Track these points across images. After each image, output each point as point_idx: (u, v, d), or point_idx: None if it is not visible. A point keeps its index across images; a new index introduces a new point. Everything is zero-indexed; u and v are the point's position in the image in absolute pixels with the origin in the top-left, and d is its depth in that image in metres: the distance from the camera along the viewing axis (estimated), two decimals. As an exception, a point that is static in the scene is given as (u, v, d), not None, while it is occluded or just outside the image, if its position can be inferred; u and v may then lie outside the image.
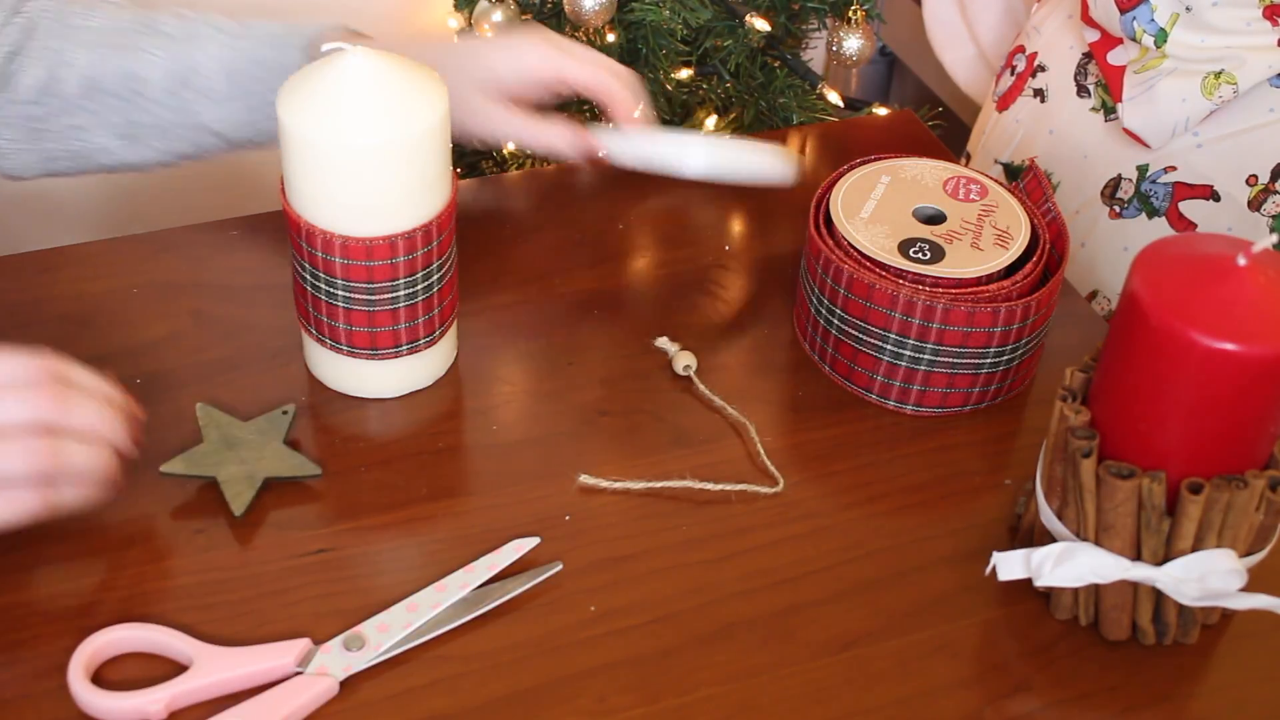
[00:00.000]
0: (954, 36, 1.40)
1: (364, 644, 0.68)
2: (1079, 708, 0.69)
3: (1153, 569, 0.67)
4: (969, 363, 0.81)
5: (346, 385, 0.82)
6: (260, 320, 0.87)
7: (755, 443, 0.81)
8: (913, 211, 0.85)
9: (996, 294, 0.80)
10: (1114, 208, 1.10)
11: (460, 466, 0.79)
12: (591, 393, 0.84)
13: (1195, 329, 0.62)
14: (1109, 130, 1.10)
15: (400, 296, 0.78)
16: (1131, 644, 0.71)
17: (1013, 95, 1.21)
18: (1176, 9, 1.03)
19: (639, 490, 0.78)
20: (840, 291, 0.82)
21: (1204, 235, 0.68)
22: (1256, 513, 0.67)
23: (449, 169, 0.78)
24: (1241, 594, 0.67)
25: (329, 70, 0.74)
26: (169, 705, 0.65)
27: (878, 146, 1.03)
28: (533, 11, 1.41)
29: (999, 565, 0.70)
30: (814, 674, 0.69)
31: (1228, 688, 0.70)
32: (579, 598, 0.72)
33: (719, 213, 0.99)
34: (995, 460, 0.81)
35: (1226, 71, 1.01)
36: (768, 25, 1.37)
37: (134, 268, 0.90)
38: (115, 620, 0.69)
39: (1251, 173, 1.03)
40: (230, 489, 0.75)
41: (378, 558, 0.74)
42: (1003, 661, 0.70)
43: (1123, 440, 0.66)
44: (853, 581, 0.74)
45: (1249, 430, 0.65)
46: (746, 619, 0.71)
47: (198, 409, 0.79)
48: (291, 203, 0.77)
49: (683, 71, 1.41)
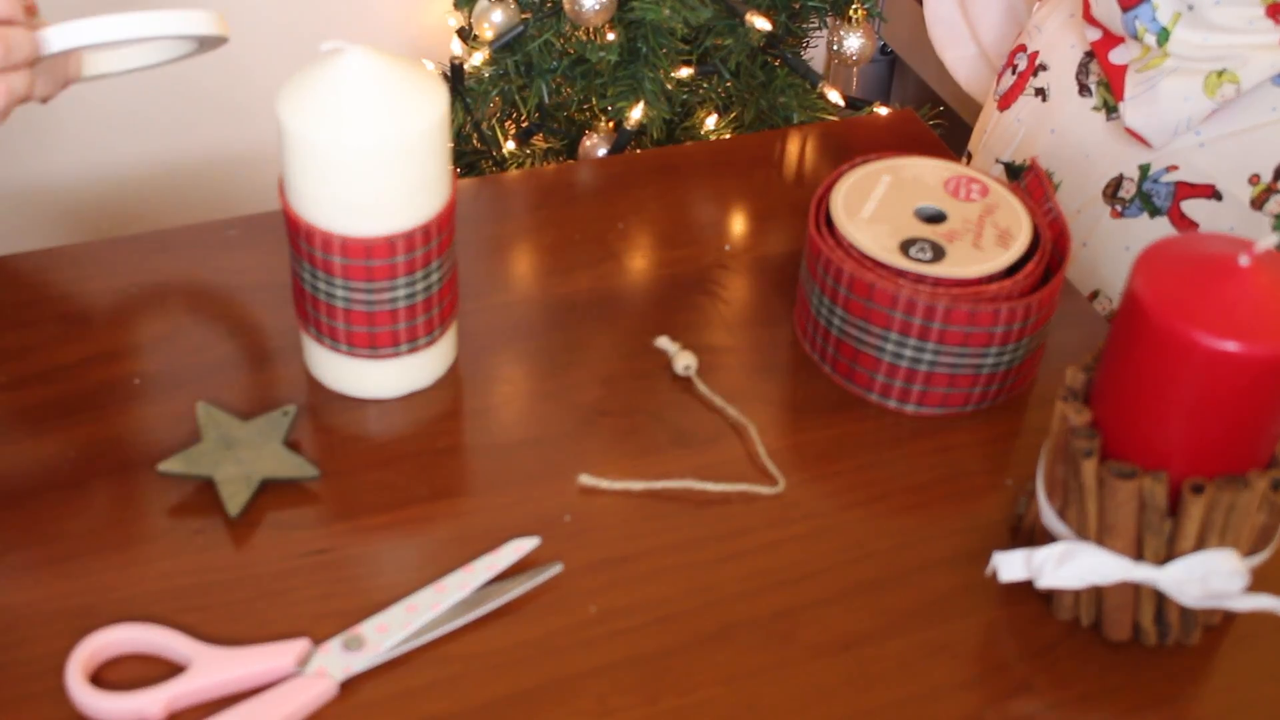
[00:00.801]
0: (955, 35, 1.40)
1: (363, 645, 0.68)
2: (1080, 709, 0.68)
3: (1154, 570, 0.67)
4: (970, 363, 0.81)
5: (346, 385, 0.82)
6: (260, 320, 0.87)
7: (755, 443, 0.81)
8: (914, 211, 0.85)
9: (998, 294, 0.80)
10: (1116, 207, 1.10)
11: (460, 466, 0.79)
12: (591, 393, 0.84)
13: (1197, 329, 0.61)
14: (1111, 129, 1.10)
15: (400, 296, 0.78)
16: (1133, 645, 0.71)
17: (1014, 94, 1.20)
18: (1179, 8, 1.03)
19: (639, 490, 0.78)
20: (841, 291, 0.82)
21: (1206, 235, 0.68)
22: (1259, 513, 0.67)
23: (448, 169, 0.78)
24: (1244, 595, 0.67)
25: (329, 70, 0.74)
26: (167, 706, 0.65)
27: (879, 146, 1.03)
28: (532, 10, 1.41)
29: (1000, 566, 0.70)
30: (814, 675, 0.69)
31: (1230, 689, 0.70)
32: (579, 598, 0.72)
33: (719, 213, 0.99)
34: (996, 460, 0.81)
35: (1229, 70, 1.01)
36: (768, 24, 1.37)
37: (134, 268, 0.90)
38: (113, 621, 0.68)
39: (1254, 172, 1.03)
40: (227, 489, 0.75)
41: (377, 558, 0.73)
42: (1004, 662, 0.70)
43: (1124, 440, 0.66)
44: (853, 582, 0.74)
45: (1251, 430, 0.64)
46: (747, 619, 0.71)
47: (198, 408, 0.79)
48: (291, 202, 0.77)
49: (683, 70, 1.41)
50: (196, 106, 1.73)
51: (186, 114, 1.74)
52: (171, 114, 1.74)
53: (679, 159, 1.04)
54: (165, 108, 1.73)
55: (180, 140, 1.77)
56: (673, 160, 1.04)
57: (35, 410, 0.80)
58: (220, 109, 1.73)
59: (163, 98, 1.71)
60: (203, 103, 1.73)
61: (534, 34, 1.40)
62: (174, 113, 1.74)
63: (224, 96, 1.72)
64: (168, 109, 1.73)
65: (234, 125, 1.74)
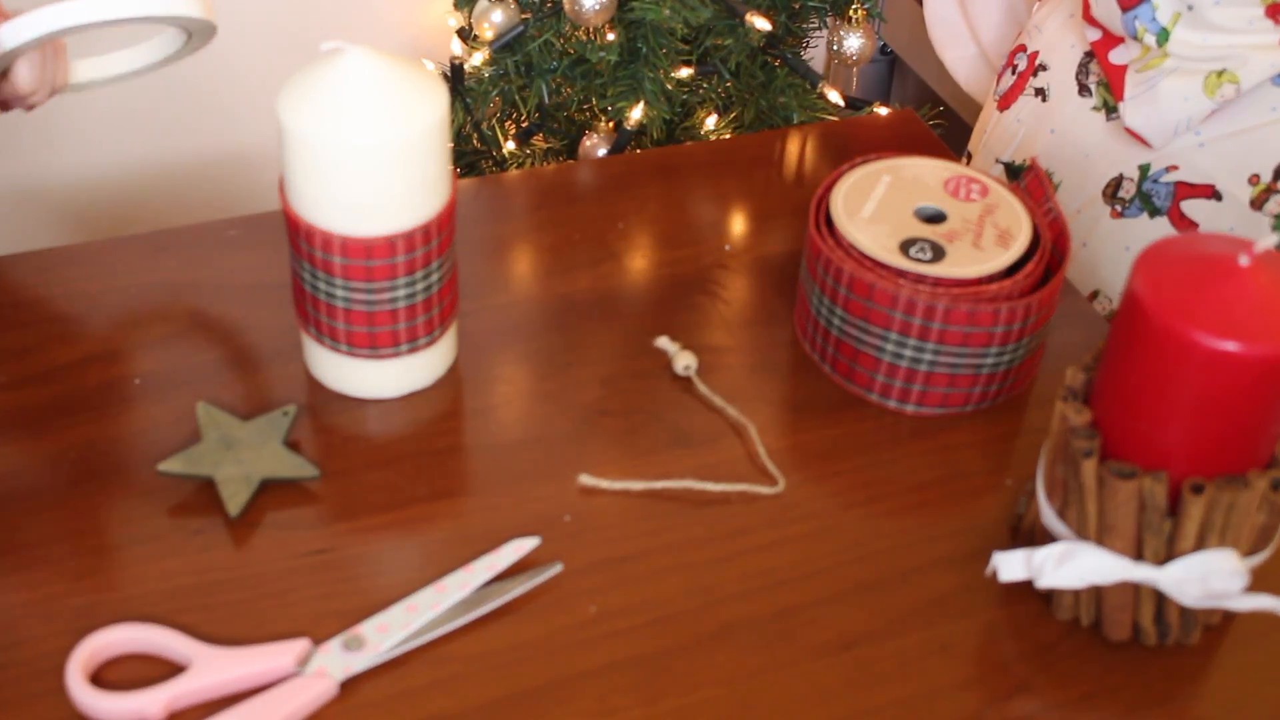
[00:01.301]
0: (955, 35, 1.40)
1: (363, 644, 0.68)
2: (1080, 709, 0.68)
3: (1154, 569, 0.67)
4: (970, 363, 0.81)
5: (346, 385, 0.82)
6: (260, 320, 0.87)
7: (755, 443, 0.81)
8: (913, 211, 0.85)
9: (997, 294, 0.80)
10: (1115, 207, 1.10)
11: (460, 466, 0.79)
12: (591, 393, 0.84)
13: (1197, 329, 0.61)
14: (1110, 129, 1.10)
15: (400, 296, 0.78)
16: (1133, 645, 0.71)
17: (1014, 94, 1.20)
18: (1178, 8, 1.03)
19: (639, 490, 0.78)
20: (841, 291, 0.82)
21: (1206, 235, 0.68)
22: (1258, 513, 0.67)
23: (448, 169, 0.78)
24: (1243, 595, 0.67)
25: (329, 70, 0.74)
26: (168, 706, 0.65)
27: (878, 146, 1.03)
28: (532, 11, 1.41)
29: (1000, 566, 0.70)
30: (814, 674, 0.69)
31: (1230, 689, 0.70)
32: (579, 598, 0.72)
33: (719, 213, 0.99)
34: (996, 460, 0.81)
35: (1229, 70, 1.01)
36: (768, 24, 1.37)
37: (134, 268, 0.90)
38: (113, 620, 0.68)
39: (1254, 172, 1.03)
40: (227, 489, 0.75)
41: (377, 558, 0.73)
42: (1004, 662, 0.70)
43: (1124, 440, 0.66)
44: (853, 582, 0.74)
45: (1251, 430, 0.64)
46: (747, 619, 0.71)
47: (198, 408, 0.79)
48: (291, 202, 0.77)
49: (683, 71, 1.41)
50: (197, 106, 1.73)
51: (186, 114, 1.74)
52: (172, 114, 1.74)
53: (679, 159, 1.04)
54: (165, 108, 1.73)
55: (180, 140, 1.77)
56: (673, 160, 1.04)
57: (35, 410, 0.80)
58: (220, 109, 1.74)
59: (163, 98, 1.71)
60: (203, 103, 1.73)
61: (534, 34, 1.40)
62: (174, 113, 1.74)
63: (224, 97, 1.72)
64: (168, 109, 1.73)
65: (234, 125, 1.75)
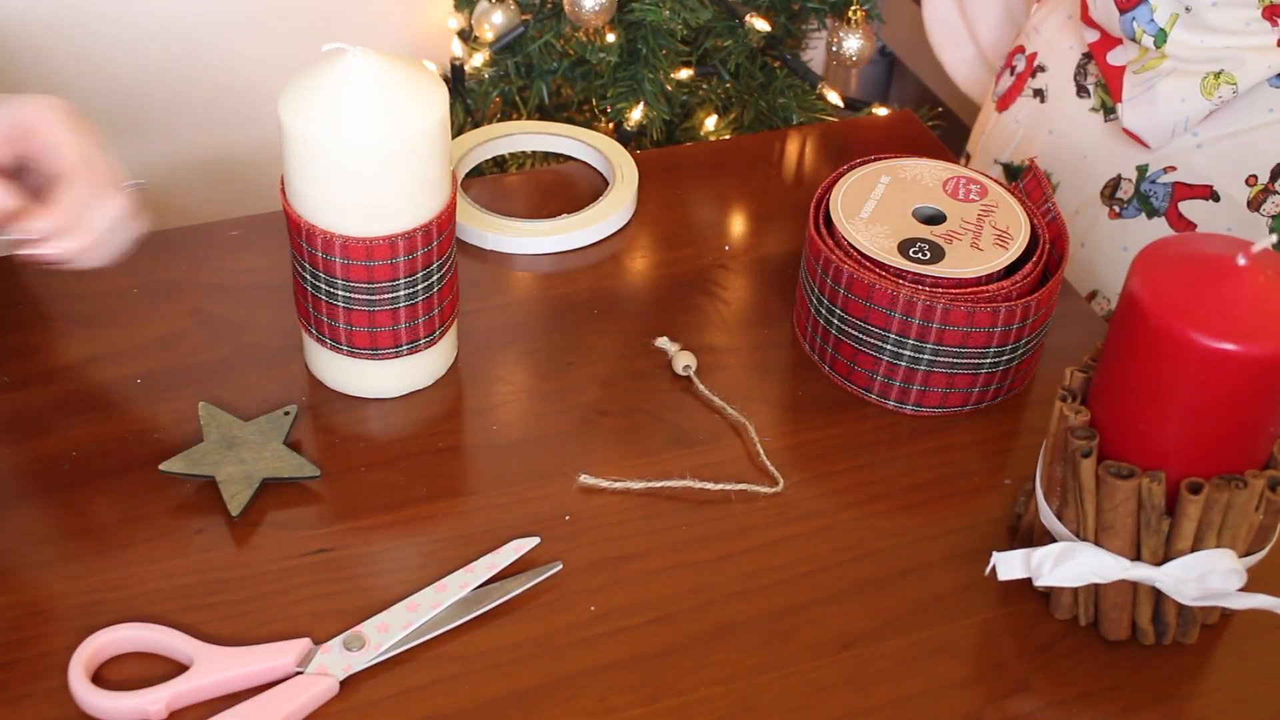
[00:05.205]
0: (954, 36, 1.40)
1: (364, 644, 0.68)
2: (1078, 707, 0.69)
3: (1152, 569, 0.67)
4: (969, 363, 0.81)
5: (347, 385, 0.82)
6: (260, 320, 0.87)
7: (755, 443, 0.81)
8: (912, 211, 0.85)
9: (996, 294, 0.80)
10: (1113, 208, 1.10)
11: (460, 466, 0.79)
12: (591, 393, 0.84)
13: (1195, 329, 0.62)
14: (1109, 130, 1.10)
15: (400, 296, 0.78)
16: (1131, 644, 0.71)
17: (1012, 95, 1.21)
18: (1176, 9, 1.03)
19: (639, 490, 0.78)
20: (840, 291, 0.82)
21: (1203, 235, 0.68)
22: (1256, 512, 0.67)
23: (449, 169, 0.78)
24: (1241, 594, 0.67)
25: (329, 70, 0.74)
26: (169, 705, 0.65)
27: (877, 146, 1.03)
28: (533, 12, 1.41)
29: (999, 565, 0.70)
30: (814, 674, 0.69)
31: (1227, 687, 0.70)
32: (579, 598, 0.72)
33: (719, 213, 0.99)
34: (995, 460, 0.81)
35: (1226, 72, 1.01)
36: (768, 25, 1.37)
37: (134, 268, 0.90)
38: (115, 620, 0.69)
39: (1251, 173, 1.03)
40: (228, 489, 0.75)
41: (378, 558, 0.74)
42: (1002, 661, 0.71)
43: (1122, 440, 0.66)
44: (852, 581, 0.74)
45: (1248, 430, 0.65)
46: (746, 619, 0.72)
47: (200, 408, 0.79)
48: (291, 203, 0.77)
49: (683, 72, 1.41)
50: (197, 107, 1.73)
51: (187, 114, 1.74)
52: (172, 114, 1.74)
53: (679, 159, 1.05)
54: (165, 108, 1.73)
55: (180, 140, 1.77)
56: (673, 160, 1.04)
57: (37, 410, 0.80)
58: (221, 109, 1.74)
59: (163, 98, 1.71)
60: (203, 103, 1.73)
61: (534, 35, 1.40)
62: (174, 113, 1.74)
63: (225, 97, 1.72)
64: (168, 109, 1.73)
65: (234, 125, 1.75)
